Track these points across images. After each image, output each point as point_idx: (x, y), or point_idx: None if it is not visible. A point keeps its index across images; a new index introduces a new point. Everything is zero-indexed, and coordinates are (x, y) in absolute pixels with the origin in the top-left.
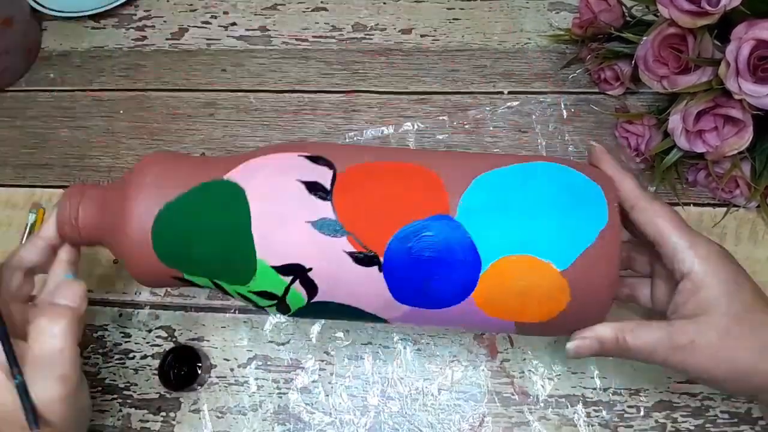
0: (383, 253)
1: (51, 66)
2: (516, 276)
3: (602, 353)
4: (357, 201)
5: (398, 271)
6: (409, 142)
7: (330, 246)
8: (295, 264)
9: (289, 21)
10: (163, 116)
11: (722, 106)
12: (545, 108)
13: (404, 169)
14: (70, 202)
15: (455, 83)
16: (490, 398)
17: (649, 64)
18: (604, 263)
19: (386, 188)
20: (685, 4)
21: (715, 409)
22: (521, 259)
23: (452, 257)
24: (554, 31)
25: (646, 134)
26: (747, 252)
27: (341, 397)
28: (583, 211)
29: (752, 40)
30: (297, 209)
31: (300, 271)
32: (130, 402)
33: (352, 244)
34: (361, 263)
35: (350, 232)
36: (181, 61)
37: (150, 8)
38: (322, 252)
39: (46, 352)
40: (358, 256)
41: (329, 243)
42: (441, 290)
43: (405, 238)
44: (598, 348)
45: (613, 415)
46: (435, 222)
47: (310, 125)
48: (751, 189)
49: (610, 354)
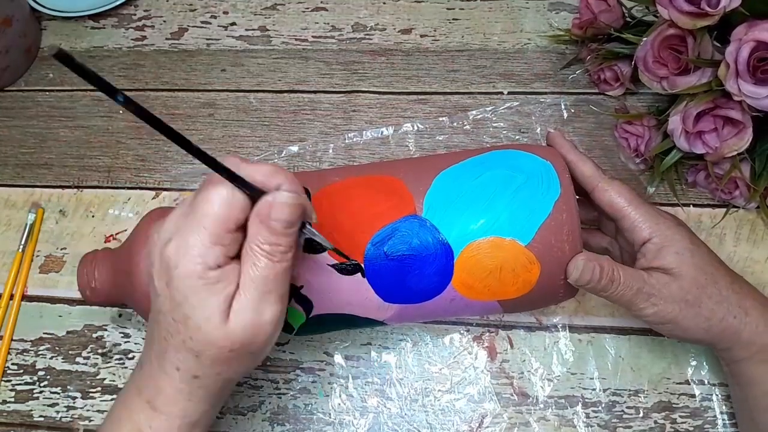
0: (363, 260)
1: (50, 66)
2: (486, 257)
3: (597, 280)
4: (332, 218)
5: (380, 274)
6: (409, 143)
7: (314, 262)
8: None
9: (288, 21)
10: (163, 116)
11: (722, 108)
12: (545, 108)
13: (371, 182)
14: (86, 269)
15: (455, 83)
16: (490, 399)
17: (648, 64)
18: (565, 230)
19: (357, 201)
20: (685, 5)
21: (714, 410)
22: (487, 242)
23: (425, 251)
24: (554, 31)
25: (645, 135)
26: (747, 252)
27: (340, 398)
28: (535, 187)
29: (752, 41)
30: None
31: (292, 289)
32: None
33: (334, 257)
34: (345, 273)
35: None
36: (180, 61)
37: (149, 8)
38: (309, 269)
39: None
40: (341, 267)
41: (313, 260)
42: (422, 283)
43: (380, 243)
44: (597, 273)
45: (612, 416)
46: (404, 223)
47: (310, 125)
48: (750, 190)
49: (600, 284)
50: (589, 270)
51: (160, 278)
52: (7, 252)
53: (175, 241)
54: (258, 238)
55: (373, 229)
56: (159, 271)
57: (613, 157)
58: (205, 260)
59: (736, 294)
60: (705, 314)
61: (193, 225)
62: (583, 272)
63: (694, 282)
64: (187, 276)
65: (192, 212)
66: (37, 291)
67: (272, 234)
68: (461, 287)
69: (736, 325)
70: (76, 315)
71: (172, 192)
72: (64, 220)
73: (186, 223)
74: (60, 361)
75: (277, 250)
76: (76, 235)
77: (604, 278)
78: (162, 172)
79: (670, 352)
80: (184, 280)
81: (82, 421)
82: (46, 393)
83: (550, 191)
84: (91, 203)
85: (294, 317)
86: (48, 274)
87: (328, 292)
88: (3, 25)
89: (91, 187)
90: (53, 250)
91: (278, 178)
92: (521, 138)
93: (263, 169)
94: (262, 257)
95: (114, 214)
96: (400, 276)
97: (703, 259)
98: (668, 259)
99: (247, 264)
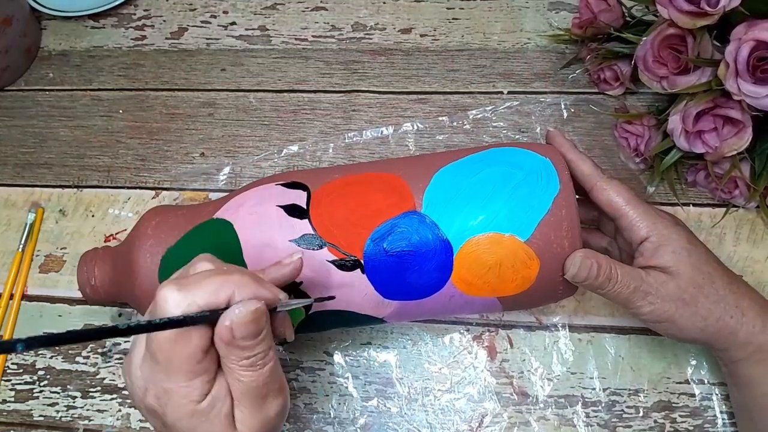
0: (363, 256)
1: (50, 65)
2: (485, 253)
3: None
4: (332, 214)
5: (379, 270)
6: (409, 143)
7: (313, 258)
8: None
9: (288, 20)
10: (163, 116)
11: (721, 107)
12: (545, 108)
13: (371, 179)
14: (86, 267)
15: (455, 83)
16: (490, 398)
17: (648, 64)
18: (564, 226)
19: (356, 198)
20: (685, 5)
21: (714, 409)
22: (487, 238)
23: (425, 247)
24: (554, 31)
25: (645, 134)
26: (747, 252)
27: (340, 398)
28: (534, 184)
29: (751, 40)
30: (279, 231)
31: (292, 285)
32: (129, 402)
33: (333, 254)
34: (344, 269)
35: (330, 242)
36: (180, 60)
37: (149, 8)
38: (308, 265)
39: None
40: (341, 263)
41: (312, 256)
42: (421, 279)
43: (380, 239)
44: (595, 270)
45: (612, 416)
46: (403, 219)
47: (310, 125)
48: (750, 189)
49: (598, 281)
50: (586, 267)
51: (154, 420)
52: (7, 252)
53: (153, 390)
54: (231, 358)
55: (373, 225)
56: (147, 416)
57: (613, 157)
58: (191, 398)
59: (733, 294)
60: (701, 313)
61: (162, 371)
62: (580, 269)
63: (691, 281)
64: (179, 419)
65: (154, 361)
66: (37, 291)
67: (244, 350)
68: (461, 283)
69: (733, 325)
70: (76, 315)
71: (171, 191)
72: (64, 220)
73: (154, 371)
74: (60, 360)
75: (257, 360)
76: (76, 234)
77: (602, 275)
78: (162, 172)
79: (670, 351)
80: (177, 422)
81: (82, 420)
82: (46, 392)
83: (549, 187)
84: (91, 203)
85: (293, 314)
86: (48, 273)
87: (327, 287)
88: (3, 25)
89: (91, 186)
90: (53, 249)
91: (226, 291)
92: (521, 137)
93: (207, 288)
94: (244, 371)
95: (114, 213)
96: (400, 272)
97: (700, 259)
98: (665, 258)
99: (232, 378)
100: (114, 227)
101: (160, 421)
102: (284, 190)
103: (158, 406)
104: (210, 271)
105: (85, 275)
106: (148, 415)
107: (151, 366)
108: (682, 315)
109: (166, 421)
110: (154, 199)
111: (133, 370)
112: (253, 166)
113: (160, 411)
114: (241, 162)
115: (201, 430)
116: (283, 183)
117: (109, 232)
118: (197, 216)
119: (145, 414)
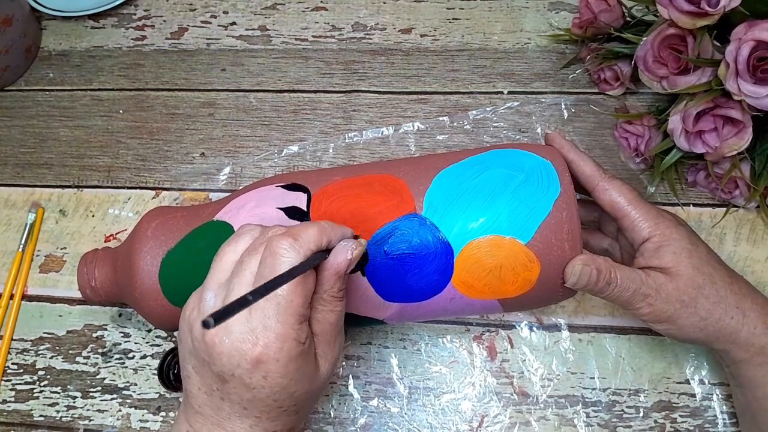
0: None
1: (50, 65)
2: (486, 256)
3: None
4: (332, 216)
5: (380, 272)
6: (409, 143)
7: None
8: None
9: (288, 21)
10: (163, 116)
11: (722, 107)
12: (545, 108)
13: (371, 181)
14: (87, 268)
15: (455, 83)
16: (490, 398)
17: (648, 64)
18: (565, 229)
19: (357, 200)
20: (685, 5)
21: (714, 410)
22: (487, 240)
23: (425, 250)
24: (554, 31)
25: (645, 134)
26: (747, 252)
27: (340, 398)
28: (535, 186)
29: (752, 40)
30: None
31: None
32: (129, 402)
33: None
34: None
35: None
36: (180, 60)
37: (149, 8)
38: None
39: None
40: None
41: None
42: (422, 282)
43: (380, 241)
44: (595, 276)
45: (612, 416)
46: (404, 221)
47: (310, 125)
48: (750, 189)
49: (597, 287)
50: (586, 275)
51: (254, 375)
52: (7, 252)
53: (263, 339)
54: (333, 288)
55: (374, 227)
56: (243, 373)
57: (613, 157)
58: (300, 340)
59: (734, 295)
60: (701, 314)
61: (277, 317)
62: (580, 277)
63: (691, 282)
64: (291, 360)
65: (276, 308)
66: (37, 291)
67: (341, 280)
68: (461, 286)
69: (733, 326)
70: (76, 314)
71: (172, 192)
72: (64, 220)
73: (267, 317)
74: (60, 360)
75: (342, 291)
76: (76, 234)
77: (602, 281)
78: (162, 172)
79: (670, 351)
80: (288, 364)
81: (82, 420)
82: (46, 392)
83: (550, 190)
84: (91, 203)
85: None
86: (48, 273)
87: None
88: (3, 25)
89: (91, 186)
90: (53, 249)
91: (327, 235)
92: (521, 138)
93: (314, 235)
94: (338, 301)
95: (114, 213)
96: (400, 274)
97: (701, 259)
98: (665, 259)
99: (323, 312)
100: (114, 227)
101: (262, 371)
102: (284, 192)
103: (271, 352)
104: (302, 223)
105: (85, 276)
106: (244, 374)
107: (264, 313)
108: (681, 316)
109: (270, 369)
110: (155, 199)
111: (235, 326)
112: (253, 166)
113: (273, 356)
114: (241, 162)
115: (303, 370)
116: (283, 185)
117: (109, 232)
118: (197, 217)
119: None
